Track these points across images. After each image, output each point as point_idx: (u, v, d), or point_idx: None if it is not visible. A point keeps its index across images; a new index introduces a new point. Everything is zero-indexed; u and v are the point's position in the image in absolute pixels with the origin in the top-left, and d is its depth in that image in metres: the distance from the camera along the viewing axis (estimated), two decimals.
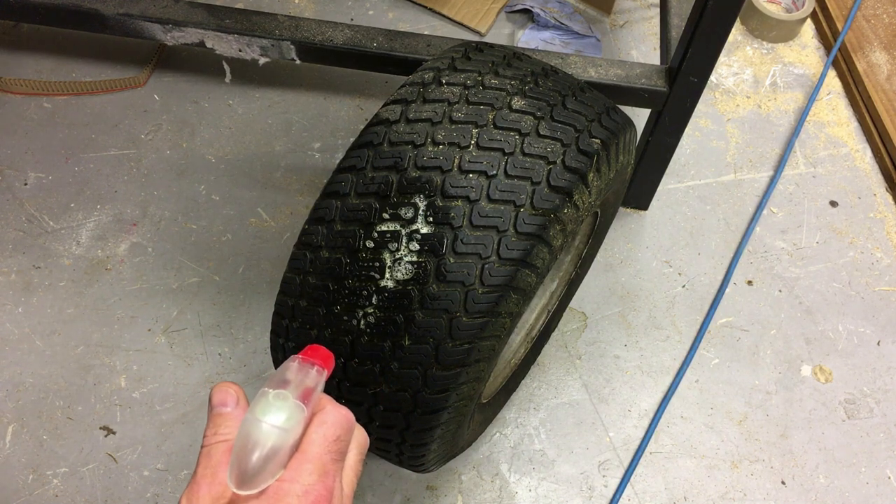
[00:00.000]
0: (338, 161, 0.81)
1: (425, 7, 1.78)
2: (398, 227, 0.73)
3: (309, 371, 0.53)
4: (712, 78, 1.68)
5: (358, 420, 0.84)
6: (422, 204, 0.74)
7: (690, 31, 1.09)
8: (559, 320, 1.29)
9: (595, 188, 0.82)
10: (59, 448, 1.17)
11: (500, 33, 1.75)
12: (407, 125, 0.79)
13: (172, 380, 1.23)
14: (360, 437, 0.56)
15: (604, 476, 1.17)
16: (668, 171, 1.46)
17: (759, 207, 1.47)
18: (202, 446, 0.50)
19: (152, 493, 1.13)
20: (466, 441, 1.08)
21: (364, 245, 0.74)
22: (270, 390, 0.50)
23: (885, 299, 1.37)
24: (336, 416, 0.52)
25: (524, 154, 0.76)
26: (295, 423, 0.49)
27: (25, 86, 1.57)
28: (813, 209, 1.49)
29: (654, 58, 1.72)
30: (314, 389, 0.52)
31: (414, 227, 0.73)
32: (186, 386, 1.23)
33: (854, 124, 1.63)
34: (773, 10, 1.74)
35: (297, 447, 0.50)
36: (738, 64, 1.72)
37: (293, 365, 0.54)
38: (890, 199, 1.51)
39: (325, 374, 0.55)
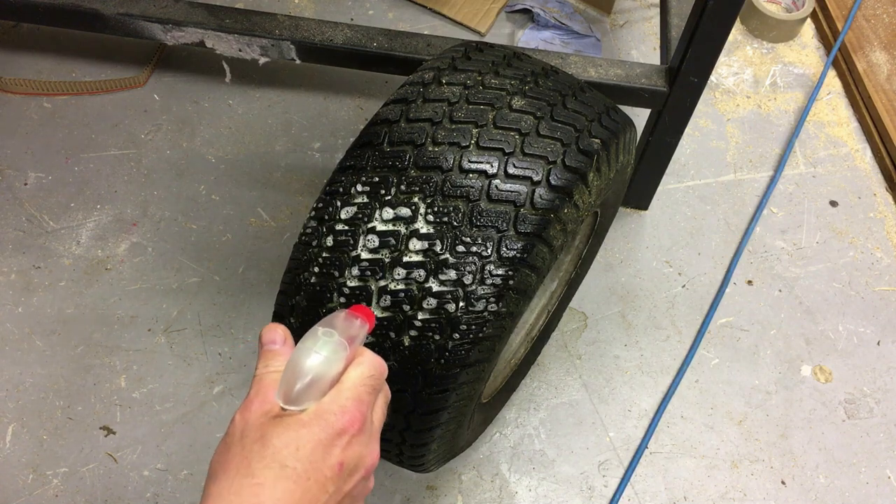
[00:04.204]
0: (338, 161, 0.81)
1: (425, 7, 1.78)
2: (398, 227, 0.73)
3: (353, 322, 0.61)
4: (712, 78, 1.68)
5: None
6: (422, 204, 0.74)
7: (690, 31, 1.09)
8: (559, 320, 1.29)
9: (595, 188, 0.82)
10: (59, 448, 1.17)
11: (500, 33, 1.75)
12: (407, 125, 0.79)
13: (172, 380, 1.23)
14: (386, 389, 0.63)
15: (604, 476, 1.17)
16: (668, 171, 1.46)
17: (759, 207, 1.47)
18: (255, 375, 0.58)
19: (152, 493, 1.13)
20: (466, 441, 1.08)
21: (364, 245, 0.74)
22: (320, 328, 0.58)
23: (885, 299, 1.37)
24: (372, 359, 0.60)
25: (524, 154, 0.76)
26: (338, 357, 0.56)
27: (25, 86, 1.57)
28: (813, 209, 1.49)
29: (654, 58, 1.72)
30: (356, 338, 0.60)
31: (414, 226, 0.73)
32: (186, 386, 1.23)
33: (854, 124, 1.63)
34: (773, 10, 1.74)
35: (337, 380, 0.57)
36: (738, 64, 1.72)
37: (341, 314, 0.61)
38: (890, 199, 1.51)
39: (367, 328, 0.62)
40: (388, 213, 0.74)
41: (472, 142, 0.76)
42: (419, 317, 0.72)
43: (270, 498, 0.50)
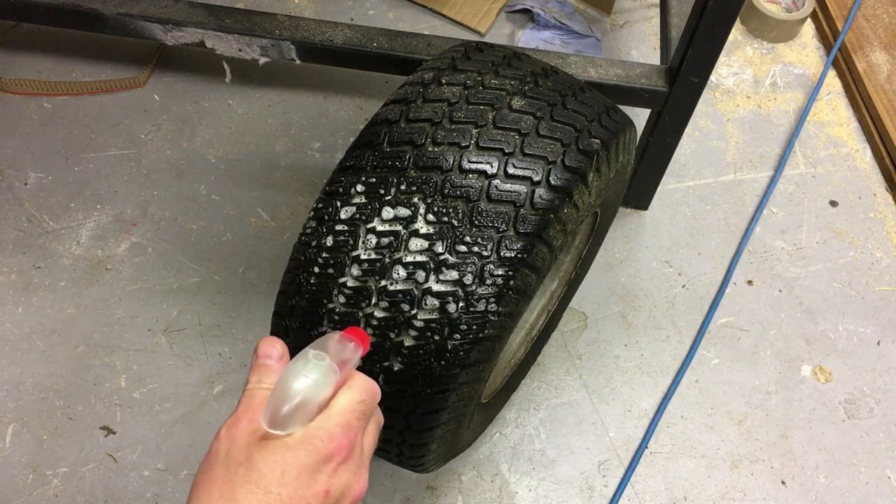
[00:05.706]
0: (338, 161, 0.81)
1: (425, 7, 1.78)
2: (398, 227, 0.73)
3: (347, 345, 0.60)
4: (712, 78, 1.68)
5: None
6: (422, 204, 0.74)
7: (690, 31, 1.09)
8: (559, 320, 1.29)
9: (595, 188, 0.82)
10: (59, 448, 1.17)
11: (500, 33, 1.75)
12: (407, 125, 0.79)
13: (172, 380, 1.23)
14: (378, 414, 0.62)
15: (604, 476, 1.17)
16: (668, 171, 1.46)
17: (759, 207, 1.47)
18: (245, 389, 0.57)
19: (152, 493, 1.13)
20: (466, 441, 1.08)
21: (364, 244, 0.74)
22: (311, 351, 0.56)
23: (885, 299, 1.37)
24: (364, 383, 0.59)
25: (524, 154, 0.76)
26: (327, 382, 0.55)
27: (25, 86, 1.57)
28: (813, 209, 1.49)
29: (654, 58, 1.72)
30: (348, 361, 0.59)
31: (414, 226, 0.73)
32: (186, 386, 1.23)
33: (854, 124, 1.63)
34: (773, 10, 1.74)
35: (326, 405, 0.56)
36: (738, 64, 1.72)
37: (334, 336, 0.60)
38: (890, 199, 1.51)
39: (360, 352, 0.61)
40: (388, 213, 0.74)
41: (472, 142, 0.76)
42: (419, 317, 0.72)
43: None
